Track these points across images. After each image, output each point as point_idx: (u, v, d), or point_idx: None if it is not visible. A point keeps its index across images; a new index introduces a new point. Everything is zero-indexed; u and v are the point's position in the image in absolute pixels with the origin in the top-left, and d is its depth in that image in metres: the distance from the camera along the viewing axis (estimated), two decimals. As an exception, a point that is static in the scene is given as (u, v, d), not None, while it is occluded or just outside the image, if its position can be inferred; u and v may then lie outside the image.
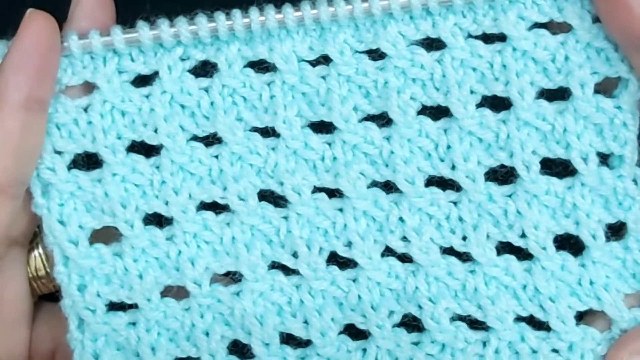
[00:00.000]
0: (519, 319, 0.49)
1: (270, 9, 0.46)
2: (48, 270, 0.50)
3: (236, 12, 0.46)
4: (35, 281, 0.51)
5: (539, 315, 0.48)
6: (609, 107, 0.47)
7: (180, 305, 0.49)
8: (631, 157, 0.47)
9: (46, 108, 0.46)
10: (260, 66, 0.48)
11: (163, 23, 0.46)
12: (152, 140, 0.48)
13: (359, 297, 0.49)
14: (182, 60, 0.47)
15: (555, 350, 0.48)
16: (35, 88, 0.44)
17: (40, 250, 0.50)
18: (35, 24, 0.44)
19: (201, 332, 0.49)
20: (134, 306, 0.49)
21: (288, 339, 0.50)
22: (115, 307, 0.50)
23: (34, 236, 0.51)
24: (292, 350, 0.49)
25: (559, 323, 0.48)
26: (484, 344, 0.49)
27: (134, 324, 0.49)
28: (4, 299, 0.49)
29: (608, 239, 0.48)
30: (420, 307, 0.48)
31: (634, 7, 0.44)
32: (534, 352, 0.48)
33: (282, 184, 0.48)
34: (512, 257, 0.48)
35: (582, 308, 0.48)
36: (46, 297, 0.52)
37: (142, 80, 0.48)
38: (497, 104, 0.48)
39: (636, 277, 0.48)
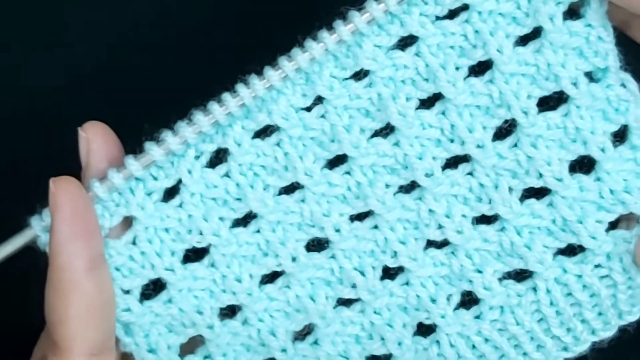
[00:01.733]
0: (557, 253, 0.51)
1: (254, 79, 0.48)
2: None
3: (226, 96, 0.48)
4: None
5: (573, 241, 0.50)
6: (581, 29, 0.48)
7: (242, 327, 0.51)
8: (614, 65, 0.49)
9: (105, 259, 0.48)
10: (266, 133, 0.50)
11: (167, 135, 0.48)
12: (201, 244, 0.50)
13: (418, 296, 0.51)
14: (197, 158, 0.49)
15: (597, 266, 0.50)
16: (92, 247, 0.46)
17: None
18: (66, 190, 0.46)
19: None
20: None
21: None
22: None
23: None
24: None
25: (591, 240, 0.50)
26: (534, 290, 0.51)
27: None
28: None
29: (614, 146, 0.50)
30: (470, 281, 0.51)
31: None
32: (579, 277, 0.51)
33: (323, 229, 0.50)
34: (533, 200, 0.50)
35: (611, 218, 0.50)
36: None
37: (170, 193, 0.50)
38: (482, 70, 0.49)
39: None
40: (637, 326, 0.52)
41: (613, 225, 0.51)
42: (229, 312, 0.51)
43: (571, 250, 0.51)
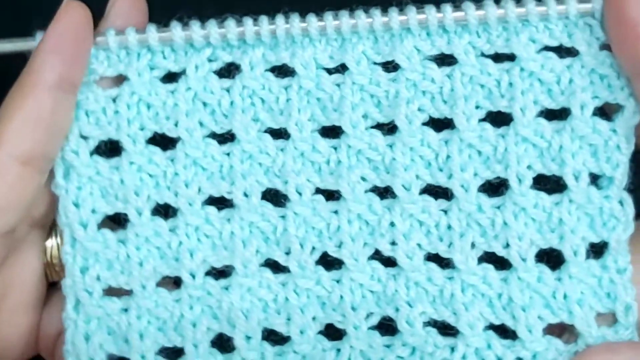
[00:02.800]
0: (488, 327, 0.50)
1: (295, 17, 0.49)
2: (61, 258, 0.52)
3: (263, 18, 0.49)
4: (48, 268, 0.52)
5: (509, 323, 0.50)
6: (605, 130, 0.49)
7: (171, 295, 0.51)
8: (621, 179, 0.49)
9: (76, 91, 0.49)
10: (280, 71, 0.51)
11: (195, 24, 0.49)
12: (171, 133, 0.51)
13: (341, 297, 0.50)
14: (210, 61, 0.50)
15: (519, 359, 0.50)
16: (68, 70, 0.47)
17: (58, 239, 0.52)
18: (72, 12, 0.48)
19: (189, 322, 0.51)
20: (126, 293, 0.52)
21: (268, 337, 0.51)
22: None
23: (53, 225, 0.53)
24: (270, 347, 0.51)
25: (526, 332, 0.49)
26: (452, 349, 0.50)
27: (126, 310, 0.51)
28: (20, 281, 0.51)
29: (588, 257, 0.50)
30: (397, 309, 0.50)
31: None
32: (499, 359, 0.50)
33: (286, 182, 0.51)
34: (491, 267, 0.50)
35: (553, 320, 0.50)
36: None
37: (170, 78, 0.51)
38: (499, 120, 0.50)
39: (610, 296, 0.49)
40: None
41: (556, 333, 0.51)
42: (163, 212, 0.52)
43: (503, 333, 0.50)
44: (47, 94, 0.47)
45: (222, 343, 0.52)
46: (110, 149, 0.51)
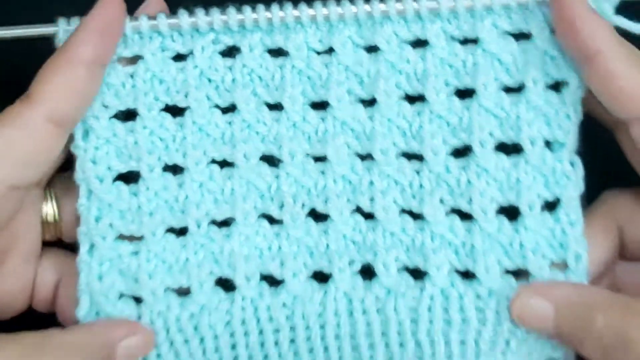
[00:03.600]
0: (452, 271, 0.55)
1: (288, 7, 0.55)
2: (57, 218, 0.56)
3: (260, 7, 0.55)
4: (43, 226, 0.56)
5: (470, 266, 0.54)
6: (556, 101, 0.54)
7: (178, 241, 0.55)
8: (572, 144, 0.54)
9: (105, 67, 0.54)
10: (275, 52, 0.56)
11: (200, 12, 0.55)
12: (181, 104, 0.56)
13: (327, 245, 0.56)
14: (214, 43, 0.56)
15: (477, 296, 0.55)
16: (102, 49, 0.53)
17: (54, 200, 0.56)
18: (112, 2, 0.53)
19: (194, 265, 0.55)
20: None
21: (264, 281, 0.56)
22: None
23: (48, 185, 0.56)
24: (267, 286, 0.56)
25: (485, 273, 0.54)
26: (421, 290, 0.55)
27: (136, 253, 0.55)
28: (24, 234, 0.55)
29: (542, 211, 0.54)
30: (375, 254, 0.55)
31: (581, 30, 0.51)
32: (461, 297, 0.55)
33: (280, 148, 0.56)
34: (456, 217, 0.55)
35: (509, 266, 0.54)
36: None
37: (179, 58, 0.56)
38: (464, 94, 0.55)
39: (563, 246, 0.54)
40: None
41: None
42: (172, 170, 0.56)
43: (465, 276, 0.55)
44: (83, 66, 0.52)
45: (223, 285, 0.56)
46: (126, 118, 0.56)
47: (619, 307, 0.50)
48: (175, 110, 0.56)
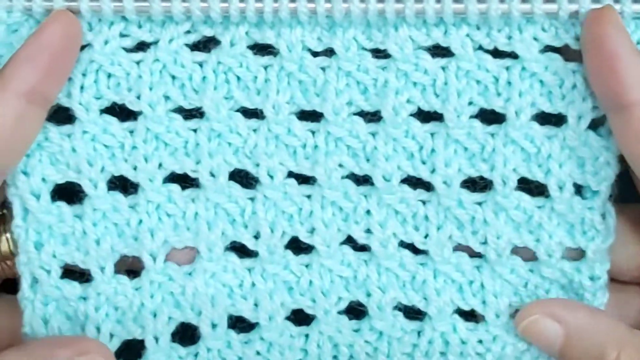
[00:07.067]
0: (457, 312, 0.50)
1: None
2: (14, 253, 0.49)
3: None
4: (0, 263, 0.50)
5: (478, 309, 0.50)
6: (597, 144, 0.48)
7: (131, 283, 0.49)
8: (606, 193, 0.49)
9: (48, 105, 0.46)
10: (260, 49, 0.48)
11: None
12: (132, 106, 0.48)
13: (311, 282, 0.50)
14: (187, 32, 0.47)
15: (480, 341, 0.50)
16: (42, 83, 0.45)
17: (9, 234, 0.50)
18: (58, 24, 0.45)
19: (149, 312, 0.49)
20: (87, 279, 0.49)
21: (234, 326, 0.51)
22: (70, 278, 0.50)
23: (4, 219, 0.50)
24: (236, 335, 0.50)
25: (494, 316, 0.50)
26: (419, 334, 0.50)
27: (84, 298, 0.49)
28: None
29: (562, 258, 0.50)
30: (369, 294, 0.50)
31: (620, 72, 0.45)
32: (463, 342, 0.50)
33: (257, 165, 0.49)
34: (465, 255, 0.50)
35: (518, 309, 0.50)
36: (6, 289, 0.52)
37: (141, 49, 0.48)
38: (491, 118, 0.49)
39: (579, 297, 0.50)
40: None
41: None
42: (122, 188, 0.49)
43: (471, 318, 0.51)
44: (12, 104, 0.44)
45: (185, 335, 0.50)
46: (65, 117, 0.48)
47: (635, 348, 0.47)
48: (128, 113, 0.49)
